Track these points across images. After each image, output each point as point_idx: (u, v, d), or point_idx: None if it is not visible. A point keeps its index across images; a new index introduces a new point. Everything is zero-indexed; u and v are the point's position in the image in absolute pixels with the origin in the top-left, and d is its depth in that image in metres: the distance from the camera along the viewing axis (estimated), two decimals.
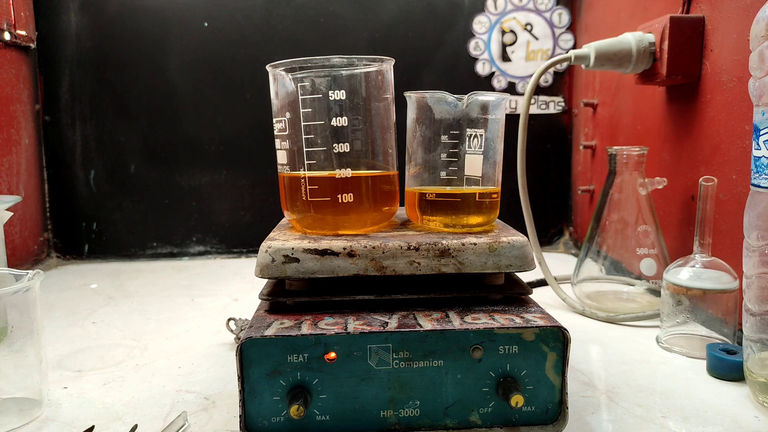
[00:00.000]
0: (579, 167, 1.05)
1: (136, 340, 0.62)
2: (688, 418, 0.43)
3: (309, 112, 0.43)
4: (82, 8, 1.00)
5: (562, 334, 0.38)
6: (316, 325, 0.38)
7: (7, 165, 0.90)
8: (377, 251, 0.41)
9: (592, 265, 0.70)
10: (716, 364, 0.50)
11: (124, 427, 0.43)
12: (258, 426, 0.38)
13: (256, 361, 0.37)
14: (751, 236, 0.44)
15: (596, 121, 0.96)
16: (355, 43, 1.04)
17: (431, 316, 0.40)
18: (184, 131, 1.05)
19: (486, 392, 0.38)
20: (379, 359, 0.38)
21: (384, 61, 0.45)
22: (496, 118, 0.45)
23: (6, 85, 0.91)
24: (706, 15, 0.63)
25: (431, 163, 0.46)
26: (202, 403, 0.47)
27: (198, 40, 1.02)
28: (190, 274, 0.95)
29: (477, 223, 0.46)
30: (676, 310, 0.56)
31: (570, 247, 1.09)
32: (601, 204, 0.70)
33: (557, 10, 1.04)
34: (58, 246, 1.05)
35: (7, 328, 0.43)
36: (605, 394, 0.47)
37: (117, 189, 1.05)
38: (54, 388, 0.50)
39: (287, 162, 0.45)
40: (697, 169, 0.65)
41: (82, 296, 0.81)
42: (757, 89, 0.43)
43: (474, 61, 1.06)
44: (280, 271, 0.41)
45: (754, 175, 0.44)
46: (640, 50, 0.66)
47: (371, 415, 0.38)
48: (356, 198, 0.44)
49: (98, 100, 1.03)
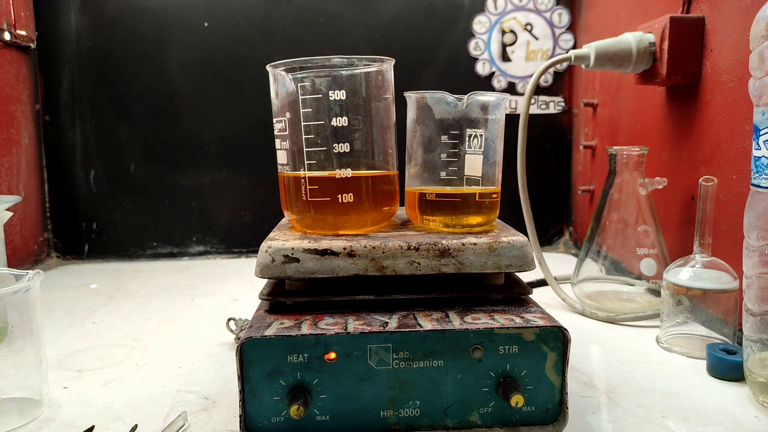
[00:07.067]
0: (579, 167, 1.05)
1: (136, 340, 0.62)
2: (688, 418, 0.43)
3: (309, 112, 0.43)
4: (82, 8, 1.00)
5: (562, 334, 0.38)
6: (316, 325, 0.38)
7: (7, 165, 0.90)
8: (377, 251, 0.41)
9: (592, 265, 0.70)
10: (716, 364, 0.50)
11: (124, 427, 0.43)
12: (258, 426, 0.38)
13: (256, 361, 0.37)
14: (751, 236, 0.44)
15: (596, 121, 0.96)
16: (355, 43, 1.04)
17: (431, 316, 0.40)
18: (184, 131, 1.05)
19: (486, 392, 0.38)
20: (379, 359, 0.38)
21: (384, 61, 0.45)
22: (496, 118, 0.45)
23: (6, 85, 0.91)
24: (706, 15, 0.63)
25: (431, 163, 0.46)
26: (202, 403, 0.47)
27: (198, 40, 1.02)
28: (190, 274, 0.95)
29: (477, 223, 0.46)
30: (676, 310, 0.56)
31: (570, 247, 1.09)
32: (601, 204, 0.70)
33: (557, 10, 1.04)
34: (58, 246, 1.05)
35: (7, 328, 0.43)
36: (605, 394, 0.47)
37: (117, 189, 1.05)
38: (54, 388, 0.50)
39: (287, 162, 0.45)
40: (697, 169, 0.65)
41: (82, 296, 0.81)
42: (757, 89, 0.43)
43: (474, 61, 1.06)
44: (280, 271, 0.41)
45: (754, 175, 0.44)
46: (640, 50, 0.66)
47: (371, 415, 0.38)
48: (356, 198, 0.44)
49: (98, 100, 1.03)
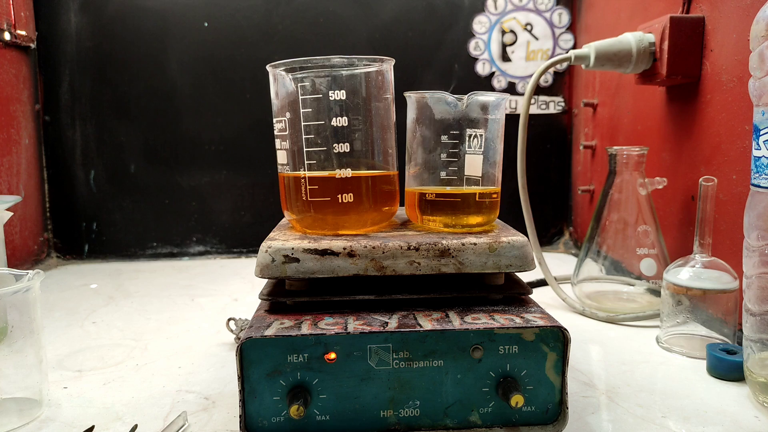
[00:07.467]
0: (579, 167, 1.05)
1: (136, 340, 0.62)
2: (688, 418, 0.43)
3: (309, 112, 0.43)
4: (82, 8, 1.00)
5: (562, 334, 0.38)
6: (316, 325, 0.38)
7: (7, 165, 0.90)
8: (377, 251, 0.41)
9: (592, 265, 0.70)
10: (716, 364, 0.50)
11: (124, 427, 0.43)
12: (258, 426, 0.38)
13: (256, 361, 0.37)
14: (751, 236, 0.44)
15: (596, 121, 0.96)
16: (355, 43, 1.04)
17: (431, 316, 0.40)
18: (184, 131, 1.05)
19: (486, 392, 0.38)
20: (379, 359, 0.38)
21: (384, 61, 0.45)
22: (496, 118, 0.45)
23: (6, 85, 0.91)
24: (706, 15, 0.63)
25: (431, 163, 0.46)
26: (202, 403, 0.47)
27: (198, 40, 1.02)
28: (190, 274, 0.95)
29: (477, 223, 0.46)
30: (676, 310, 0.56)
31: (570, 247, 1.09)
32: (601, 204, 0.70)
33: (557, 10, 1.04)
34: (58, 246, 1.05)
35: (7, 328, 0.43)
36: (605, 394, 0.47)
37: (117, 189, 1.05)
38: (54, 388, 0.50)
39: (287, 162, 0.45)
40: (697, 169, 0.65)
41: (82, 296, 0.81)
42: (757, 89, 0.43)
43: (474, 61, 1.06)
44: (280, 271, 0.41)
45: (754, 175, 0.44)
46: (640, 50, 0.66)
47: (371, 415, 0.38)
48: (356, 198, 0.44)
49: (98, 100, 1.03)
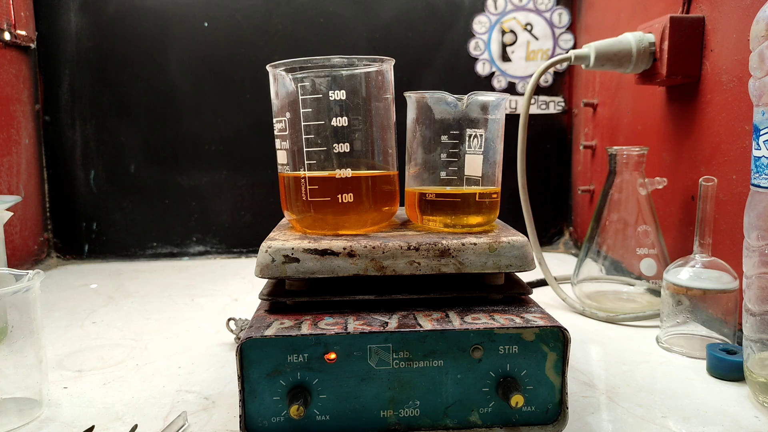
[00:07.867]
0: (579, 167, 1.05)
1: (136, 340, 0.62)
2: (688, 418, 0.43)
3: (309, 112, 0.43)
4: (82, 8, 1.00)
5: (562, 334, 0.38)
6: (316, 325, 0.38)
7: (7, 165, 0.90)
8: (377, 251, 0.41)
9: (592, 265, 0.70)
10: (716, 364, 0.50)
11: (124, 427, 0.43)
12: (258, 426, 0.38)
13: (256, 361, 0.37)
14: (751, 236, 0.44)
15: (596, 121, 0.96)
16: (355, 43, 1.04)
17: (431, 316, 0.40)
18: (184, 131, 1.05)
19: (486, 392, 0.38)
20: (379, 359, 0.38)
21: (384, 61, 0.45)
22: (496, 118, 0.45)
23: (6, 85, 0.91)
24: (706, 15, 0.63)
25: (431, 163, 0.46)
26: (202, 403, 0.47)
27: (198, 40, 1.02)
28: (190, 274, 0.95)
29: (477, 223, 0.46)
30: (676, 310, 0.56)
31: (570, 247, 1.09)
32: (601, 204, 0.70)
33: (557, 10, 1.04)
34: (58, 246, 1.05)
35: (7, 328, 0.43)
36: (605, 394, 0.47)
37: (117, 189, 1.05)
38: (54, 388, 0.50)
39: (287, 162, 0.45)
40: (697, 169, 0.65)
41: (82, 296, 0.81)
42: (757, 89, 0.43)
43: (474, 61, 1.06)
44: (280, 271, 0.41)
45: (754, 175, 0.44)
46: (640, 50, 0.66)
47: (371, 415, 0.38)
48: (356, 198, 0.44)
49: (98, 100, 1.03)
